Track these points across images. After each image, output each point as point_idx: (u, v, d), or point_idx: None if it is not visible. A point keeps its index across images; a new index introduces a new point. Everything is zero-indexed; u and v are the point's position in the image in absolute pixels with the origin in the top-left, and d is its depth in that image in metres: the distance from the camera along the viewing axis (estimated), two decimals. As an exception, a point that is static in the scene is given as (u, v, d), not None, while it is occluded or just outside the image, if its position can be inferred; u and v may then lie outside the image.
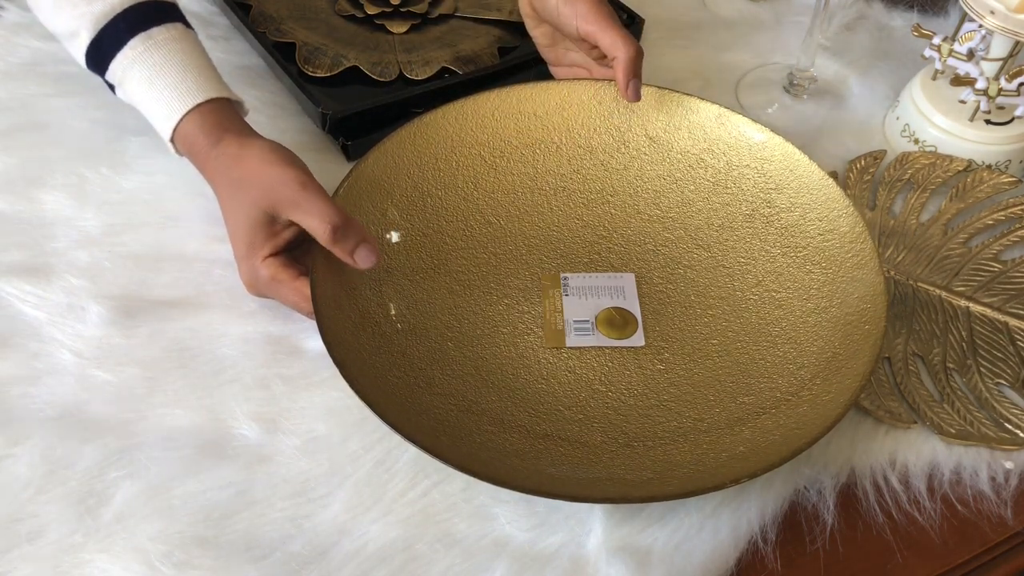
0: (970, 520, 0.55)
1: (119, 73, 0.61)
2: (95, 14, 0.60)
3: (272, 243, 0.59)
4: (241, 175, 0.58)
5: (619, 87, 0.65)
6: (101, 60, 0.62)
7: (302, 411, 0.57)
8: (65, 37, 0.63)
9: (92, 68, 0.63)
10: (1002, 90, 0.70)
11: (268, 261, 0.58)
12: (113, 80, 0.62)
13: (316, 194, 0.56)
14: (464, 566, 0.51)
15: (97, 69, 0.63)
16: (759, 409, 0.56)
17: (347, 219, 0.56)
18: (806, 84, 0.81)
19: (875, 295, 0.57)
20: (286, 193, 0.57)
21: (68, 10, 0.61)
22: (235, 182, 0.59)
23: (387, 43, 0.78)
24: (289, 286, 0.58)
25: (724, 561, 0.52)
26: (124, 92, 0.63)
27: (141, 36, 0.61)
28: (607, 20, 0.64)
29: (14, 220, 0.65)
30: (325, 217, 0.55)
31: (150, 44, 0.61)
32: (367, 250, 0.56)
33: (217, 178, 0.60)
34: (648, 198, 0.67)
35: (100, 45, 0.61)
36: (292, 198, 0.56)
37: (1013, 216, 0.70)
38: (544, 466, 0.53)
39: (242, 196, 0.58)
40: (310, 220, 0.56)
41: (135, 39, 0.61)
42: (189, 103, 0.60)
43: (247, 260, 0.59)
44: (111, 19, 0.61)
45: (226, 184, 0.60)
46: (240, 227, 0.59)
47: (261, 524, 0.52)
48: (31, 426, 0.55)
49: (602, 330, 0.61)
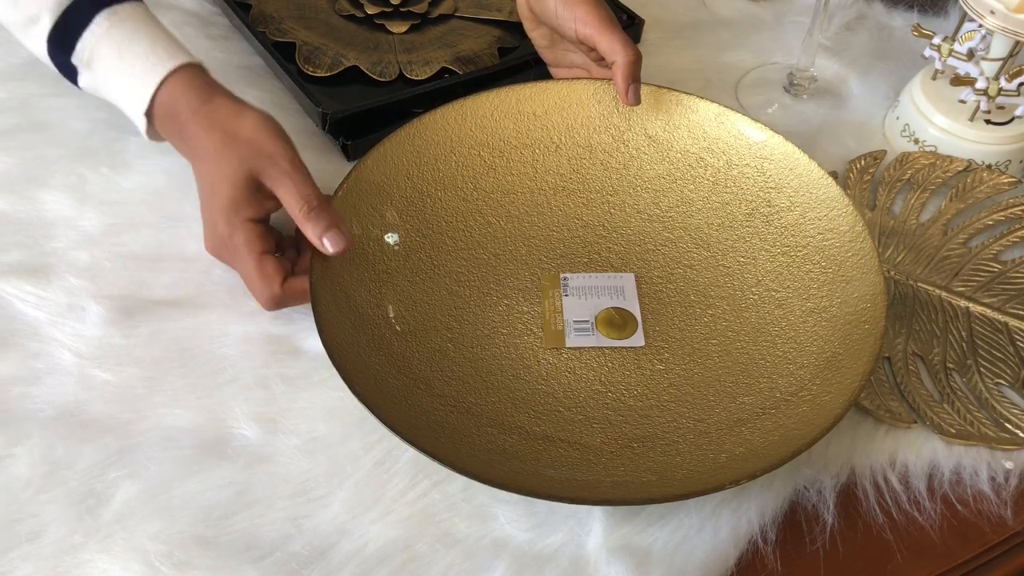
0: (970, 520, 0.55)
1: (87, 52, 0.61)
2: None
3: (257, 207, 0.58)
4: (236, 131, 0.59)
5: (618, 92, 0.65)
6: (66, 41, 0.61)
7: (302, 411, 0.57)
8: (22, 25, 0.62)
9: (54, 53, 0.62)
10: (1002, 90, 0.70)
11: (249, 225, 0.58)
12: (80, 61, 0.62)
13: (301, 172, 0.58)
14: (464, 566, 0.51)
15: (61, 53, 0.62)
16: (759, 409, 0.56)
17: (324, 202, 0.58)
18: (806, 84, 0.81)
19: (875, 295, 0.57)
20: (276, 165, 0.58)
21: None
22: (230, 136, 0.59)
23: (387, 43, 0.78)
24: (257, 258, 0.58)
25: (724, 561, 0.52)
26: (92, 72, 0.62)
27: (106, 12, 0.61)
28: (605, 24, 0.64)
29: (14, 220, 0.65)
30: (303, 195, 0.57)
31: (115, 20, 0.61)
32: (337, 235, 0.57)
33: (208, 132, 0.59)
34: (648, 197, 0.67)
35: (64, 26, 0.61)
36: (280, 171, 0.58)
37: (1013, 216, 0.70)
38: (543, 467, 0.53)
39: (235, 151, 0.58)
40: (289, 196, 0.57)
41: (100, 15, 0.61)
42: (170, 66, 0.60)
43: (224, 214, 0.58)
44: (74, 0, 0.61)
45: (219, 136, 0.59)
46: (227, 181, 0.58)
47: (261, 524, 0.52)
48: (31, 426, 0.55)
49: (602, 330, 0.61)
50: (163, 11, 0.78)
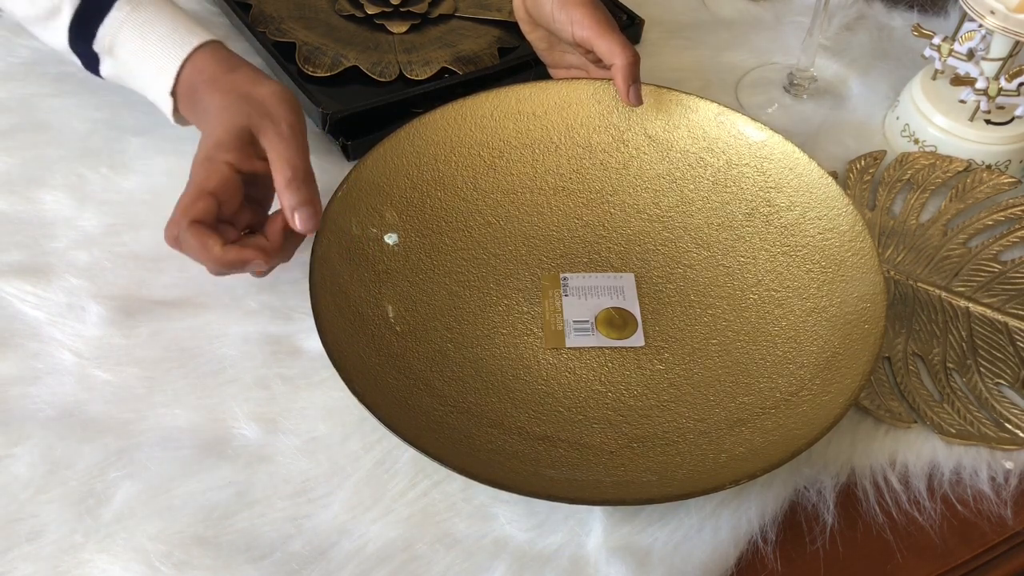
0: (970, 520, 0.55)
1: (108, 38, 0.62)
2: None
3: (241, 156, 0.56)
4: (250, 92, 0.58)
5: (619, 94, 0.64)
6: (87, 29, 0.62)
7: (302, 411, 0.57)
8: (42, 19, 0.63)
9: (76, 42, 0.63)
10: (1002, 90, 0.70)
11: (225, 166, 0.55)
12: (101, 47, 0.62)
13: (298, 142, 0.57)
14: (464, 566, 0.51)
15: (82, 41, 0.62)
16: (759, 409, 0.56)
17: (309, 177, 0.56)
18: (806, 84, 0.81)
19: (875, 294, 0.57)
20: (276, 127, 0.57)
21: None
22: (243, 96, 0.58)
23: (387, 43, 0.78)
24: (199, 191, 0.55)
25: (724, 561, 0.52)
26: (114, 58, 0.63)
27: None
28: (603, 26, 0.64)
29: (14, 220, 0.65)
30: (292, 162, 0.56)
31: (135, 4, 0.62)
32: (310, 213, 0.55)
33: (224, 95, 0.58)
34: (648, 197, 0.67)
35: (85, 14, 0.62)
36: (277, 134, 0.56)
37: (1013, 216, 0.70)
38: (543, 467, 0.53)
39: (242, 107, 0.57)
40: (279, 160, 0.56)
41: (120, 1, 0.61)
42: (194, 42, 0.61)
43: (207, 150, 0.56)
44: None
45: (233, 97, 0.58)
46: (223, 126, 0.57)
47: (261, 524, 0.52)
48: (31, 426, 0.55)
49: (602, 330, 0.61)
50: (163, 11, 0.78)
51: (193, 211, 0.54)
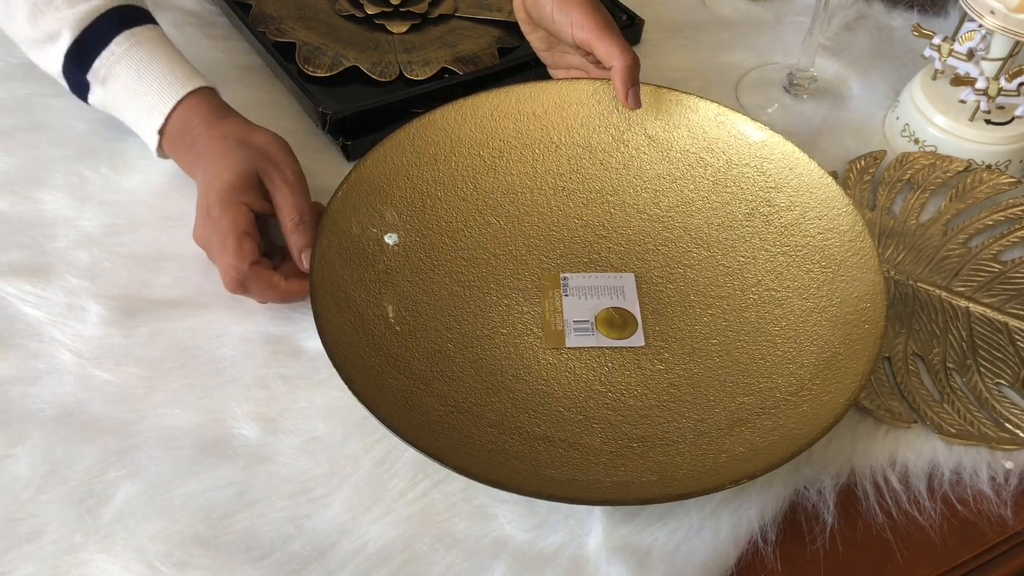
0: (970, 520, 0.55)
1: (104, 69, 0.63)
2: (78, 15, 0.62)
3: (254, 197, 0.60)
4: (248, 139, 0.61)
5: (618, 97, 0.64)
6: (84, 58, 0.63)
7: (302, 411, 0.57)
8: (39, 42, 0.64)
9: (70, 69, 0.64)
10: (1002, 90, 0.70)
11: (243, 207, 0.59)
12: (95, 78, 0.63)
13: (301, 185, 0.61)
14: (464, 566, 0.51)
15: (76, 68, 0.64)
16: (759, 409, 0.56)
17: (315, 219, 0.60)
18: (806, 84, 0.81)
19: (875, 294, 0.57)
20: (279, 171, 0.60)
21: (49, 13, 0.63)
22: (242, 141, 0.61)
23: (387, 43, 0.78)
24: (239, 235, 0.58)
25: (724, 561, 0.52)
26: (105, 89, 0.64)
27: (126, 33, 0.63)
28: (602, 28, 0.63)
29: (14, 220, 0.65)
30: (298, 206, 0.60)
31: (134, 41, 0.63)
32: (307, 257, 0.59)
33: (223, 140, 0.61)
34: (648, 197, 0.67)
35: (83, 44, 0.63)
36: (282, 178, 0.60)
37: (1013, 216, 0.70)
38: (543, 467, 0.53)
39: (243, 151, 0.60)
40: (285, 204, 0.60)
41: (120, 36, 0.63)
42: (189, 87, 0.63)
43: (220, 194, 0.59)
44: (95, 19, 0.63)
45: (233, 142, 0.61)
46: (229, 170, 0.59)
47: (261, 524, 0.52)
48: (31, 426, 0.55)
49: (602, 330, 0.61)
50: (163, 11, 0.78)
51: (245, 254, 0.58)
